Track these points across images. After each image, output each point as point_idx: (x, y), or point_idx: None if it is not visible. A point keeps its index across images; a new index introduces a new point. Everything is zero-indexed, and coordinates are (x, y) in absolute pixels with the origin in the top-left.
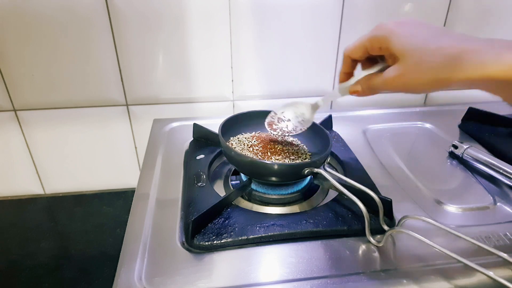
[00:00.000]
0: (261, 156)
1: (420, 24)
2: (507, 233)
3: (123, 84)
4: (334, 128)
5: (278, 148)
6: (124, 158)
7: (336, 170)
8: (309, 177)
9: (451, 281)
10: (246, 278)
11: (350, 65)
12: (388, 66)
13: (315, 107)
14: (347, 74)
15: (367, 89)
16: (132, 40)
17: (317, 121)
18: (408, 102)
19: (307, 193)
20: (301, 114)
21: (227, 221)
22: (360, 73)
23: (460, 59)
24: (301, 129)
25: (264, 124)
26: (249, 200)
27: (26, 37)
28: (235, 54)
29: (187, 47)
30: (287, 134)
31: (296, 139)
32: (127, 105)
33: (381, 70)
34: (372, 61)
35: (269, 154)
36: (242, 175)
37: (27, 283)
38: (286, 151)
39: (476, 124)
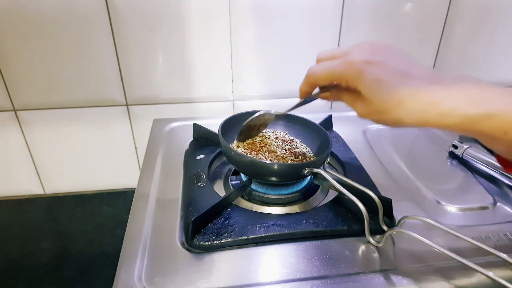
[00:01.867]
0: (258, 152)
1: (389, 60)
2: (507, 233)
3: (123, 84)
4: (334, 128)
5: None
6: (124, 158)
7: (336, 170)
8: (309, 177)
9: (450, 281)
10: (246, 278)
11: (313, 88)
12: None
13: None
14: (308, 93)
15: (337, 100)
16: (132, 40)
17: (317, 121)
18: None
19: (307, 193)
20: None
21: (227, 221)
22: None
23: (421, 112)
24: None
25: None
26: (249, 200)
27: (26, 37)
28: (235, 54)
29: (187, 47)
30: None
31: (299, 140)
32: (127, 105)
33: None
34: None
35: (267, 152)
36: (242, 175)
37: (27, 283)
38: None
39: None
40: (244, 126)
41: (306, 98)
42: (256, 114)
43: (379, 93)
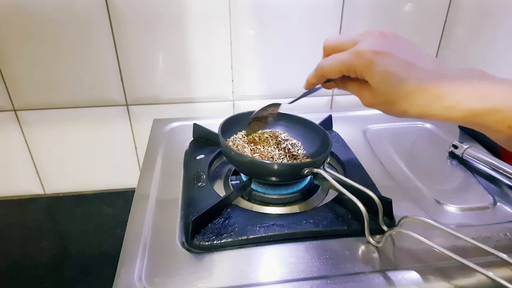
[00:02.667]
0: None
1: (397, 50)
2: (507, 233)
3: (123, 84)
4: (334, 128)
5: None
6: (124, 158)
7: (336, 170)
8: (309, 177)
9: (450, 281)
10: (246, 278)
11: (322, 80)
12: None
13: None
14: (314, 85)
15: (342, 88)
16: (132, 40)
17: (317, 121)
18: None
19: (307, 193)
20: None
21: (227, 221)
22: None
23: (427, 106)
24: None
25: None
26: (249, 200)
27: (26, 37)
28: (235, 54)
29: (187, 47)
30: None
31: (296, 141)
32: (127, 105)
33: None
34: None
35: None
36: (242, 175)
37: (27, 283)
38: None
39: None
40: (251, 119)
41: (309, 91)
42: (262, 107)
43: (387, 85)
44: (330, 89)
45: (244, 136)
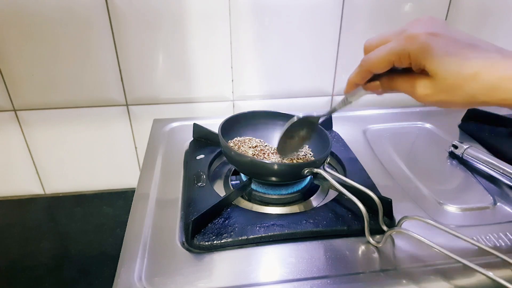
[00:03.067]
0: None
1: (453, 34)
2: (507, 233)
3: (123, 84)
4: (334, 128)
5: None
6: (124, 158)
7: (336, 170)
8: (309, 177)
9: (450, 281)
10: (246, 278)
11: (367, 77)
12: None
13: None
14: (356, 86)
15: (388, 90)
16: (132, 40)
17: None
18: (408, 102)
19: (307, 193)
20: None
21: (227, 221)
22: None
23: (497, 87)
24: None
25: (264, 126)
26: (249, 200)
27: (26, 37)
28: (235, 54)
29: (187, 47)
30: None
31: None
32: (127, 105)
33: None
34: None
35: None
36: (242, 175)
37: (27, 283)
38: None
39: (476, 124)
40: (280, 139)
41: (349, 95)
42: (289, 123)
43: (449, 67)
44: (373, 91)
45: (250, 139)
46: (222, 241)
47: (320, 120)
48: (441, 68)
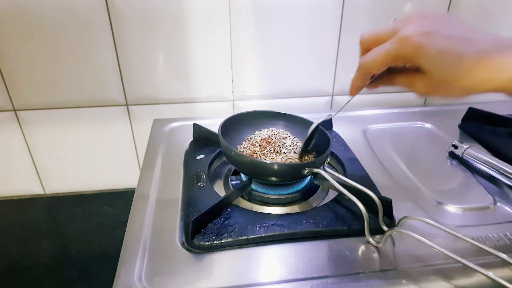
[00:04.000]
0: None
1: (445, 28)
2: (507, 233)
3: (123, 84)
4: (334, 128)
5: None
6: (124, 158)
7: (336, 170)
8: (309, 177)
9: (450, 281)
10: (246, 278)
11: (367, 79)
12: None
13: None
14: (360, 88)
15: (389, 85)
16: (132, 40)
17: (317, 121)
18: (408, 102)
19: (307, 193)
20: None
21: (227, 221)
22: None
23: (490, 80)
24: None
25: (264, 126)
26: (249, 200)
27: (26, 37)
28: (235, 54)
29: (187, 47)
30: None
31: (298, 139)
32: (127, 105)
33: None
34: None
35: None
36: (242, 175)
37: (27, 283)
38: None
39: (476, 124)
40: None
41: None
42: (312, 127)
43: (444, 64)
44: (376, 89)
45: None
46: (222, 241)
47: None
48: (435, 67)
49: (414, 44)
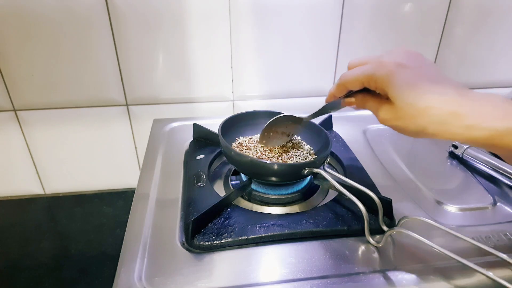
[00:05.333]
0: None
1: (421, 68)
2: (507, 233)
3: (123, 84)
4: (334, 128)
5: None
6: (124, 158)
7: (336, 170)
8: (309, 177)
9: (450, 281)
10: (246, 278)
11: (343, 92)
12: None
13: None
14: (335, 98)
15: (361, 107)
16: (132, 40)
17: (317, 121)
18: None
19: (307, 193)
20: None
21: (227, 221)
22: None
23: (447, 122)
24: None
25: (263, 126)
26: (249, 200)
27: (26, 37)
28: (235, 54)
29: (187, 47)
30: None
31: (299, 137)
32: (127, 105)
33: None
34: None
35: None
36: (242, 175)
37: (27, 283)
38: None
39: None
40: (265, 129)
41: (329, 105)
42: (276, 117)
43: (406, 97)
44: (349, 106)
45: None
46: (222, 241)
47: (305, 119)
48: (399, 97)
49: (387, 70)
